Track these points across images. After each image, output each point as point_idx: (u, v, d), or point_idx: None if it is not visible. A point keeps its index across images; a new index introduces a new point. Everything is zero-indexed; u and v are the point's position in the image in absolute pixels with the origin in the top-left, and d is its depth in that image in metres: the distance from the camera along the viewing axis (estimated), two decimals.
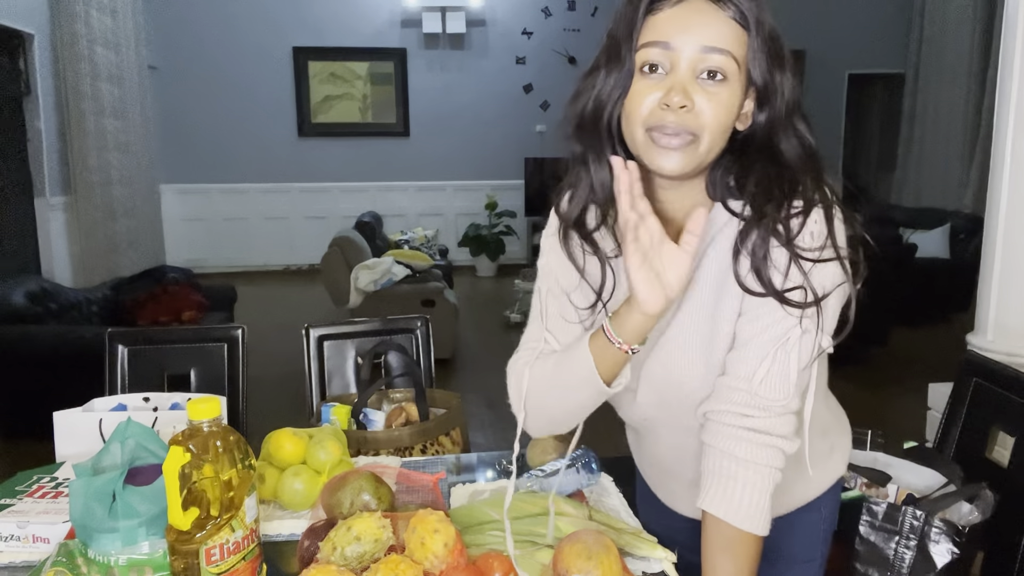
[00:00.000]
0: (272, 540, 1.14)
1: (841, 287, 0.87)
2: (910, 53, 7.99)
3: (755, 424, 0.86)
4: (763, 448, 0.86)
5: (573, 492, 1.25)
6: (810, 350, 0.86)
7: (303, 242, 7.84)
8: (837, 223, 0.86)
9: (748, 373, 0.86)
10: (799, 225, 0.85)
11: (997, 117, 2.39)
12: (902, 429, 1.80)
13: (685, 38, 0.83)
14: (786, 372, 0.86)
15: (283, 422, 1.36)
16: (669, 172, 0.86)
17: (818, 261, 0.85)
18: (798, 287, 0.85)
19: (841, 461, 1.09)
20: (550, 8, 8.08)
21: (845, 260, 0.86)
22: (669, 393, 0.97)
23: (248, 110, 7.76)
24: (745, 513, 0.86)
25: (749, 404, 0.86)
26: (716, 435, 0.89)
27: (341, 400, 1.76)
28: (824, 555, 1.11)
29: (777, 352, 0.85)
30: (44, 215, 5.12)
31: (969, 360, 1.65)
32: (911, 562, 1.42)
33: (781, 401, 0.86)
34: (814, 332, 0.85)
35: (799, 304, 0.85)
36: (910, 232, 6.21)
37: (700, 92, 0.83)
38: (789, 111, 0.87)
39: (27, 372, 3.35)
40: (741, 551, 0.87)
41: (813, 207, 0.85)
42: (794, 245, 0.85)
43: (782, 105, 0.86)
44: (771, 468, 0.86)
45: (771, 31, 0.85)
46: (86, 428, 1.35)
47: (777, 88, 0.86)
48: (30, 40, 4.97)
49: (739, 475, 0.86)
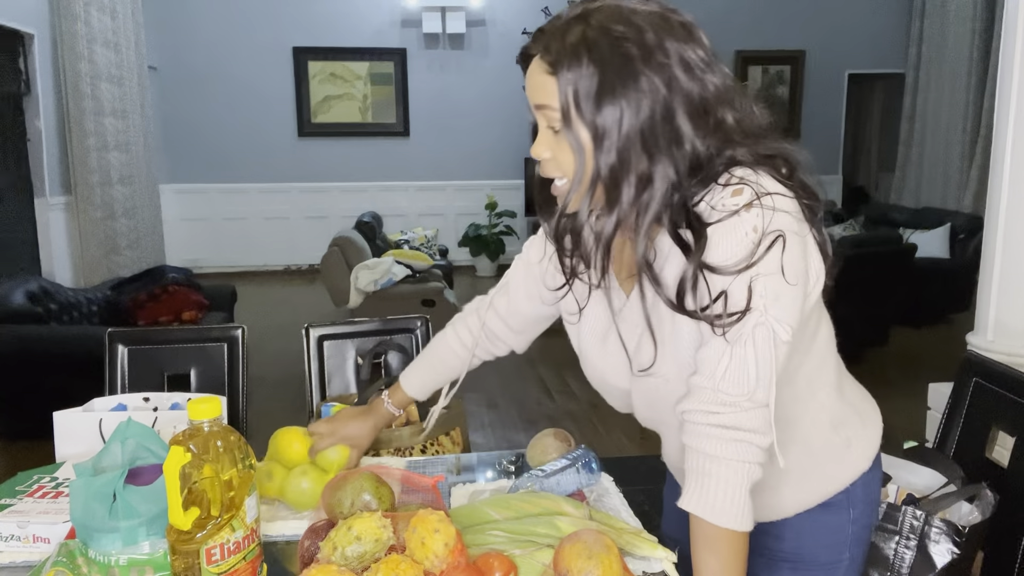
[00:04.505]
0: (273, 540, 1.14)
1: (789, 274, 0.84)
2: (910, 53, 8.00)
3: (723, 420, 0.86)
4: (733, 443, 0.85)
5: (573, 492, 1.24)
6: (767, 340, 0.84)
7: (303, 242, 7.84)
8: (773, 215, 0.83)
9: (711, 370, 0.86)
10: (718, 243, 0.83)
11: (997, 117, 2.39)
12: (902, 429, 1.80)
13: (530, 97, 0.89)
14: (744, 366, 0.85)
15: (283, 422, 1.36)
16: (570, 212, 0.91)
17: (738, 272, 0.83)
18: (708, 305, 0.84)
19: (863, 456, 1.04)
20: (550, 8, 8.06)
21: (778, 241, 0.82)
22: (652, 394, 0.99)
23: (248, 110, 7.76)
24: (721, 509, 0.85)
25: (715, 401, 0.86)
26: (691, 434, 0.89)
27: (341, 400, 1.76)
28: (856, 559, 1.06)
29: (734, 347, 0.84)
30: (44, 215, 5.12)
31: (969, 360, 1.65)
32: (911, 562, 1.42)
33: (744, 395, 0.85)
34: (769, 324, 0.83)
35: (723, 322, 0.84)
36: (910, 232, 6.21)
37: (554, 143, 0.88)
38: (646, 141, 0.82)
39: (27, 372, 3.35)
40: (724, 548, 0.86)
41: (740, 209, 0.83)
42: (716, 271, 0.84)
43: (618, 142, 0.82)
44: (744, 463, 0.86)
45: (601, 61, 0.81)
46: (86, 428, 1.35)
47: (609, 124, 0.82)
48: (30, 40, 4.97)
49: (713, 472, 0.86)
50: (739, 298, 0.83)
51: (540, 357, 1.33)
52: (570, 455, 1.27)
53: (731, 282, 0.83)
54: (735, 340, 0.84)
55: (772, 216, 0.83)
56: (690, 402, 0.89)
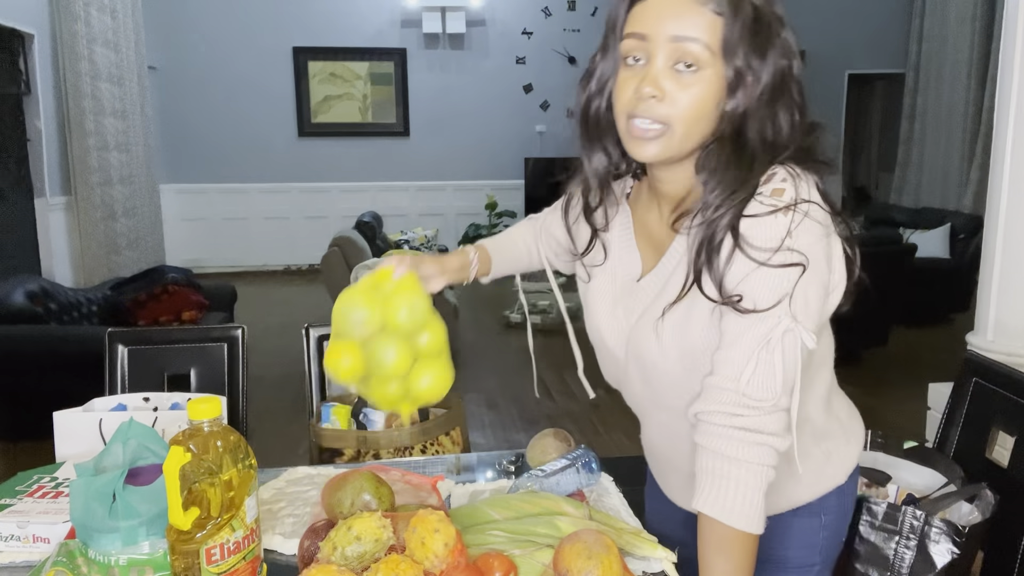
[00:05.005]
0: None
1: (811, 282, 0.85)
2: (910, 53, 7.99)
3: (745, 423, 0.86)
4: (754, 447, 0.86)
5: (573, 492, 1.24)
6: (794, 347, 0.85)
7: (303, 242, 7.84)
8: (805, 222, 0.85)
9: (735, 373, 0.86)
10: (752, 222, 0.85)
11: (997, 117, 2.39)
12: (902, 429, 1.80)
13: (660, 28, 0.85)
14: (772, 371, 0.85)
15: (283, 422, 1.36)
16: (645, 160, 0.91)
17: (766, 265, 0.84)
18: (735, 296, 0.85)
19: (841, 470, 1.06)
20: (550, 8, 8.08)
21: (804, 261, 0.84)
22: (649, 371, 0.99)
23: (248, 110, 7.77)
24: (739, 512, 0.85)
25: (738, 403, 0.86)
26: (707, 435, 0.88)
27: (341, 400, 1.76)
28: (827, 564, 1.08)
29: (761, 351, 0.85)
30: (44, 215, 5.12)
31: (969, 360, 1.65)
32: (911, 562, 1.42)
33: (769, 400, 0.85)
34: (797, 329, 0.85)
35: (747, 309, 0.84)
36: (910, 232, 6.21)
37: (674, 82, 0.86)
38: (767, 97, 0.87)
39: (27, 372, 3.35)
40: (736, 550, 0.86)
41: (779, 209, 0.84)
42: (744, 242, 0.84)
43: (755, 91, 0.86)
44: (763, 466, 0.86)
45: (756, 15, 0.85)
46: (86, 428, 1.35)
47: (754, 75, 0.86)
48: (30, 40, 4.97)
49: (732, 474, 0.86)
50: (762, 295, 0.84)
51: (540, 357, 1.34)
52: (570, 455, 1.27)
53: (753, 270, 0.84)
54: (764, 345, 0.85)
55: (804, 222, 0.85)
56: (708, 403, 0.88)
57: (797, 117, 0.89)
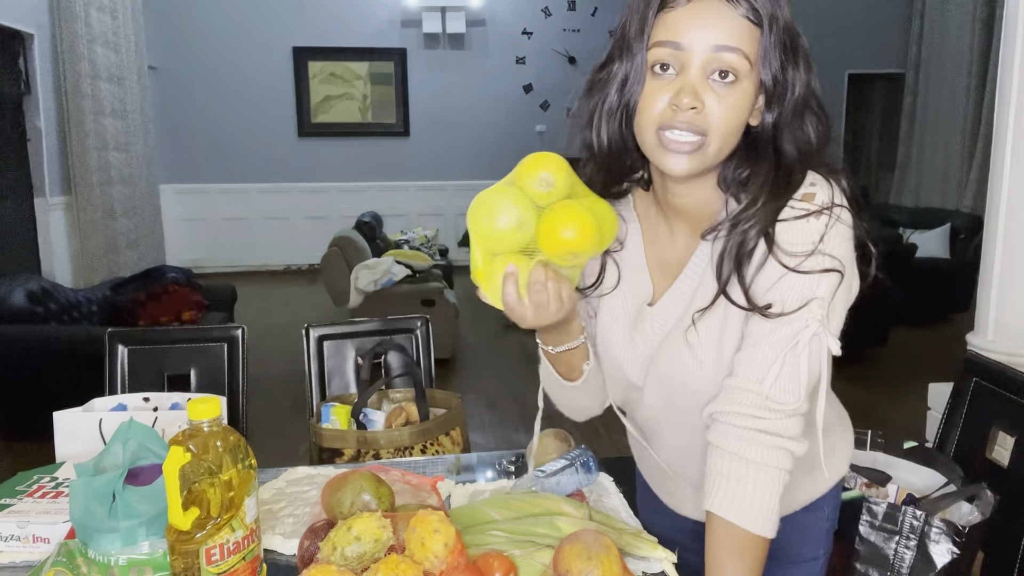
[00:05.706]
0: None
1: (843, 290, 0.86)
2: (910, 53, 7.99)
3: (766, 426, 0.85)
4: (773, 450, 0.85)
5: (573, 492, 1.24)
6: (820, 351, 0.85)
7: (303, 242, 7.84)
8: (837, 226, 0.85)
9: (759, 375, 0.85)
10: (785, 226, 0.85)
11: (997, 117, 2.39)
12: (902, 429, 1.80)
13: (697, 38, 0.82)
14: (797, 374, 0.85)
15: (283, 422, 1.36)
16: (677, 175, 0.86)
17: (796, 271, 0.84)
18: (766, 304, 0.85)
19: (843, 461, 1.08)
20: (550, 8, 8.08)
21: (840, 267, 0.84)
22: (676, 393, 0.97)
23: (248, 110, 7.76)
24: (756, 515, 0.85)
25: (759, 406, 0.85)
26: (725, 436, 0.88)
27: (341, 400, 1.76)
28: (827, 553, 1.11)
29: (787, 354, 0.84)
30: (44, 215, 5.12)
31: (969, 360, 1.65)
32: (911, 562, 1.42)
33: (792, 404, 0.85)
34: (824, 333, 0.84)
35: (776, 314, 0.84)
36: (910, 232, 6.22)
37: (711, 93, 0.83)
38: (799, 108, 0.86)
39: (27, 372, 3.35)
40: (750, 553, 0.86)
41: (811, 213, 0.84)
42: (777, 247, 0.84)
43: (791, 102, 0.86)
44: (780, 470, 0.86)
45: (787, 25, 0.84)
46: (86, 428, 1.35)
47: (788, 86, 0.85)
48: (30, 40, 4.96)
49: (749, 477, 0.85)
50: (791, 297, 0.84)
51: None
52: (569, 455, 1.27)
53: (785, 275, 0.84)
54: (791, 348, 0.84)
55: (836, 226, 0.85)
56: (727, 404, 0.88)
57: (821, 126, 0.88)
